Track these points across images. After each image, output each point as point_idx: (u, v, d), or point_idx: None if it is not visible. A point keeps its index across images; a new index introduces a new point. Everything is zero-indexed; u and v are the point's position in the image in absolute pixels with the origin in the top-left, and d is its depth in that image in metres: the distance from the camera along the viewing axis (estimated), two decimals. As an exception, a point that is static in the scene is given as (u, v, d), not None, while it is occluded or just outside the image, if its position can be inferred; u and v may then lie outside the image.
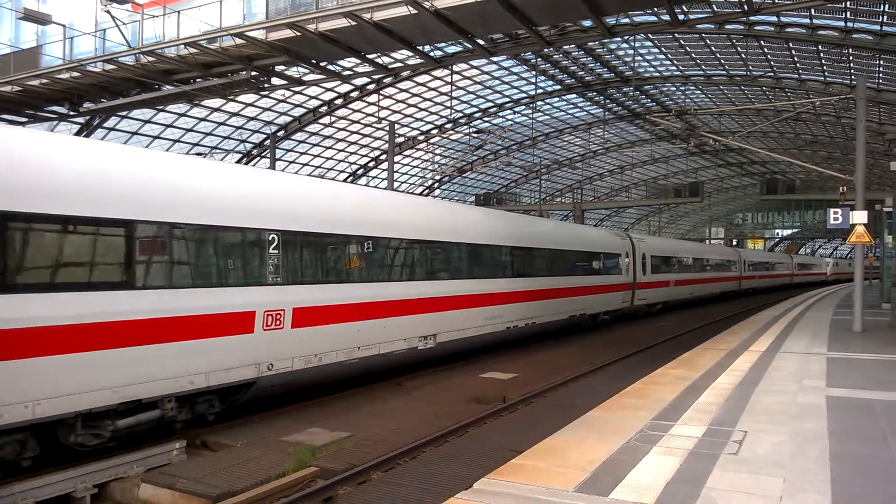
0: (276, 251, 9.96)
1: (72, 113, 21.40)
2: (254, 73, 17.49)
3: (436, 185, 51.56)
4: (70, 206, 7.48)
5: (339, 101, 34.00)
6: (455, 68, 30.71)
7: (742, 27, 24.36)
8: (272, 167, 33.78)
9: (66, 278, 7.57)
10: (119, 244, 8.05)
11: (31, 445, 7.29)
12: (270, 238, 9.88)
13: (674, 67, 33.03)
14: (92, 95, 19.80)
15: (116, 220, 7.94)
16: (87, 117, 26.83)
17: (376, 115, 34.84)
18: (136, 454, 8.08)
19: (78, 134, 28.33)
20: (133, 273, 8.12)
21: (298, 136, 37.54)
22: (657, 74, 34.28)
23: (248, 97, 30.12)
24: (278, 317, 9.88)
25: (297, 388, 11.14)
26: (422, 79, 32.69)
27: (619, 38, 27.04)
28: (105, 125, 30.21)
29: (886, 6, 20.69)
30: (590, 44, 28.25)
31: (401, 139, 39.46)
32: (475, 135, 36.53)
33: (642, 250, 27.69)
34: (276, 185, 10.97)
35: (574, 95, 37.17)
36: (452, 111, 37.56)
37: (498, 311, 16.55)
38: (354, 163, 44.03)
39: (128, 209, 8.08)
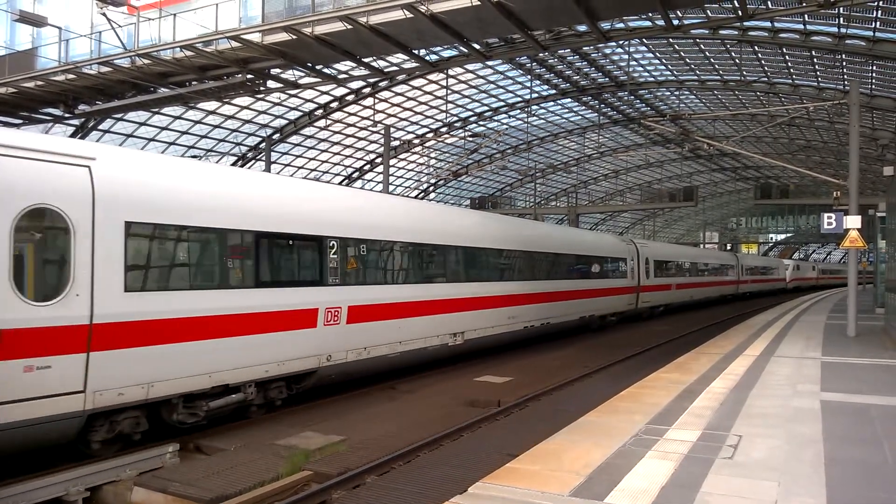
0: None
1: (67, 115, 21.35)
2: (249, 76, 17.47)
3: (431, 188, 51.61)
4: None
5: (334, 105, 34.03)
6: (450, 72, 30.78)
7: (736, 32, 24.50)
8: (267, 170, 33.74)
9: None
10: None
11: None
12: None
13: (668, 72, 33.19)
14: (87, 98, 19.76)
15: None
16: (82, 119, 26.77)
17: (372, 118, 34.88)
18: (128, 457, 8.03)
19: (73, 136, 28.24)
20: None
21: (294, 139, 37.56)
22: (652, 79, 34.44)
23: (244, 100, 30.11)
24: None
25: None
26: (417, 82, 32.74)
27: (613, 43, 27.14)
28: (100, 127, 30.17)
29: (879, 12, 20.84)
30: (585, 48, 28.36)
31: (396, 142, 39.48)
32: (470, 138, 36.56)
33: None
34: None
35: (569, 99, 37.34)
36: (448, 115, 37.64)
37: None
38: (350, 166, 44.09)
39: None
